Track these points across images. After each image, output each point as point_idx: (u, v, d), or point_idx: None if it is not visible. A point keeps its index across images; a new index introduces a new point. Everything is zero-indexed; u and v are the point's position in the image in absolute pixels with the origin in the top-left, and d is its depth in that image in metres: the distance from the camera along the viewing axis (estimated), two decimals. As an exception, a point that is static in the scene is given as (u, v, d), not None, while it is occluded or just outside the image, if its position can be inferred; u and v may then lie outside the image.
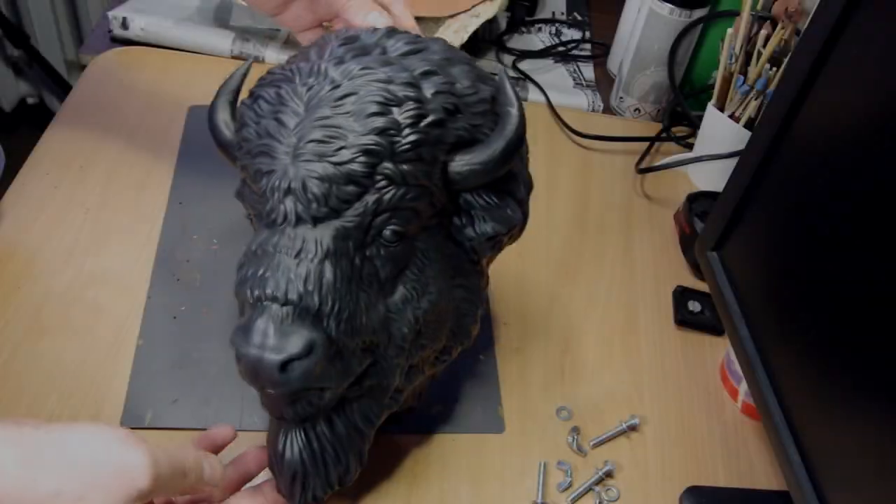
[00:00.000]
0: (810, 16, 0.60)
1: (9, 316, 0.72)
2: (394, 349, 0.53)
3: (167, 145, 0.90)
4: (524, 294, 0.82)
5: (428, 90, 0.49)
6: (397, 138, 0.47)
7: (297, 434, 0.54)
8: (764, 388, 0.62)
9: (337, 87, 0.48)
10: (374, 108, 0.47)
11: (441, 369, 0.63)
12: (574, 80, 1.12)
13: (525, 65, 1.11)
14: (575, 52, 1.16)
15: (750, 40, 0.88)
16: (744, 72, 0.89)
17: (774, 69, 0.86)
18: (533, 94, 1.06)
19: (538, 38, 1.18)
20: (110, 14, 1.03)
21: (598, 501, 0.66)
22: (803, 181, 0.60)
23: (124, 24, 1.02)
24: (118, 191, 0.84)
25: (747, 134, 0.86)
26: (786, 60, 0.83)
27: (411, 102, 0.48)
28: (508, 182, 0.55)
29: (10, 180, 0.83)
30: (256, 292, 0.47)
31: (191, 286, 0.76)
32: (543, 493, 0.66)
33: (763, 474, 0.71)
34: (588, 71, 1.14)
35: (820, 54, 0.58)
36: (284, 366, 0.47)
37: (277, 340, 0.46)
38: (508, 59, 1.11)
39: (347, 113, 0.47)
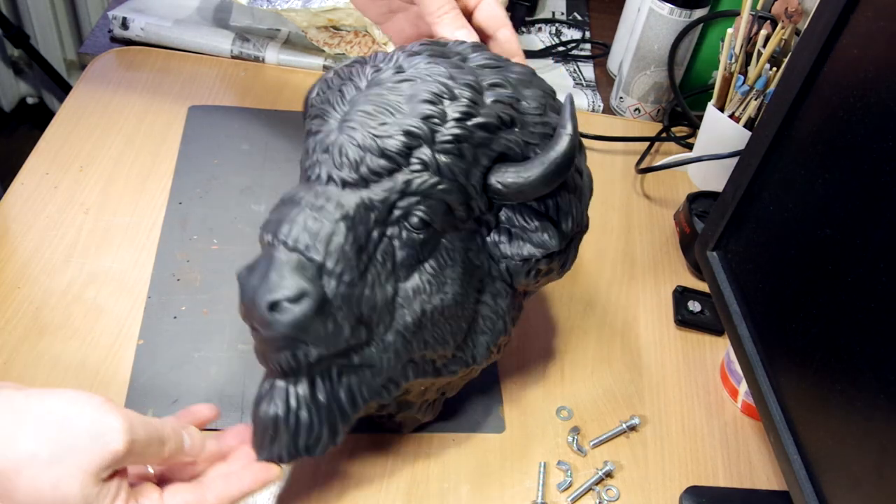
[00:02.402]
0: (810, 16, 0.60)
1: (9, 316, 0.72)
2: (393, 334, 0.53)
3: (167, 145, 0.90)
4: (524, 294, 0.82)
5: (489, 97, 0.51)
6: (440, 128, 0.50)
7: (279, 390, 0.54)
8: (764, 388, 0.62)
9: (400, 72, 0.52)
10: (427, 96, 0.50)
11: (442, 385, 0.63)
12: (574, 79, 1.12)
13: (525, 65, 1.11)
14: (575, 52, 1.16)
15: (750, 40, 0.88)
16: (744, 72, 0.89)
17: (774, 69, 0.86)
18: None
19: (538, 38, 1.18)
20: (110, 14, 1.03)
21: (598, 501, 0.66)
22: (803, 181, 0.60)
23: (124, 24, 1.02)
24: (118, 191, 0.84)
25: (747, 134, 0.86)
26: (786, 60, 0.83)
27: (465, 100, 0.50)
28: (552, 209, 0.55)
29: (10, 180, 0.83)
30: (270, 235, 0.50)
31: (191, 286, 0.76)
32: (543, 493, 0.66)
33: (763, 474, 0.71)
34: (588, 71, 1.14)
35: (820, 54, 0.59)
36: (274, 306, 0.48)
37: (274, 281, 0.48)
38: (508, 59, 1.11)
39: (402, 95, 0.50)
